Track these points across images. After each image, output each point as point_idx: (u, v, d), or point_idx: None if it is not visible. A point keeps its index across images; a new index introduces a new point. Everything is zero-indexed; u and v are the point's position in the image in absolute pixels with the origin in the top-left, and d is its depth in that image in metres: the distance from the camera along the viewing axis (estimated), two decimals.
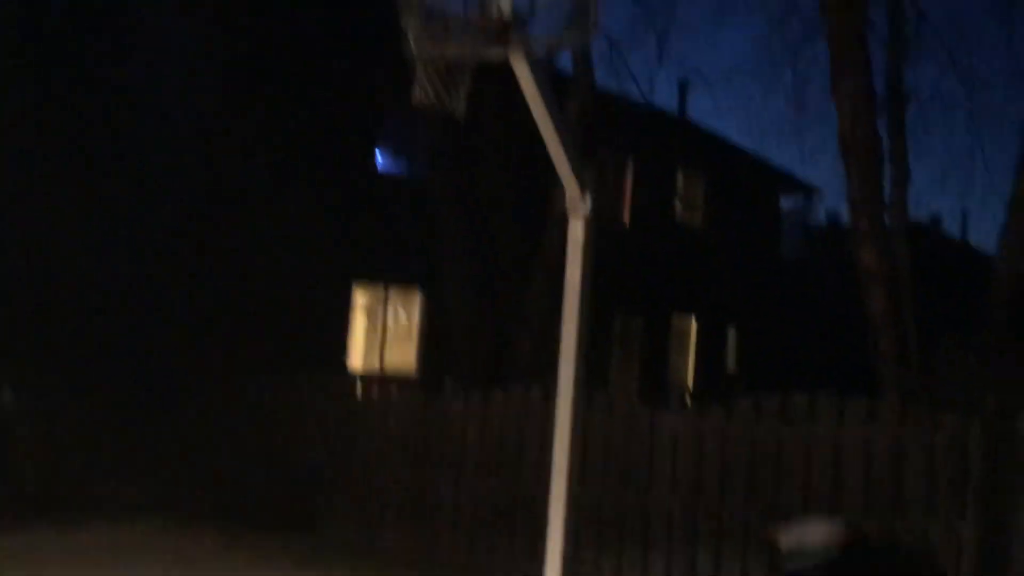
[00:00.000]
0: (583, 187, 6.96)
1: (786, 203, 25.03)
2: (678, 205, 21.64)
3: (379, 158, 16.12)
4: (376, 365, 15.98)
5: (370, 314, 16.27)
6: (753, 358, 22.34)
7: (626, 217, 20.28)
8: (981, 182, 34.70)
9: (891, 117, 11.35)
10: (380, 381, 13.54)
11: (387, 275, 15.77)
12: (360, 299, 16.12)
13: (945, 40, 13.12)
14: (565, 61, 13.49)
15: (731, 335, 22.59)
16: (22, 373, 10.53)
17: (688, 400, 19.26)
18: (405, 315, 16.63)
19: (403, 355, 16.38)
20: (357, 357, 16.05)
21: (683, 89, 22.86)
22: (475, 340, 13.17)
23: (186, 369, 11.50)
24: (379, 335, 16.20)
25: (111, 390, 10.90)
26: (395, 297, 16.41)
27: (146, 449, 10.54)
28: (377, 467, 9.97)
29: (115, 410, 10.77)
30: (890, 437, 7.64)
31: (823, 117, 13.81)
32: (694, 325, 21.81)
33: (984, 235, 55.42)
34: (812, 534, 6.72)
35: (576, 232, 7.07)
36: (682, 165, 21.27)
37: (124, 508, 9.68)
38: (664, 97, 21.28)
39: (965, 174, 19.43)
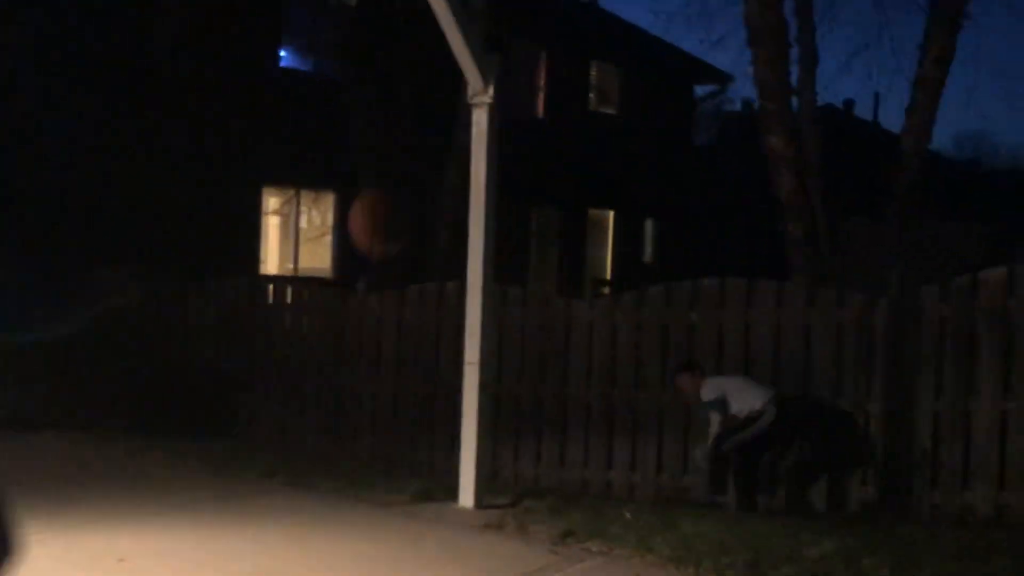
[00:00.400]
0: (486, 76, 6.84)
1: (700, 91, 24.97)
2: (593, 96, 21.49)
3: (284, 54, 15.70)
4: (290, 268, 15.81)
5: (282, 217, 16.03)
6: (671, 249, 22.51)
7: (540, 109, 20.10)
8: (890, 65, 35.02)
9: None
10: (295, 283, 13.39)
11: (298, 177, 15.49)
12: (271, 202, 15.86)
13: None
14: None
15: (648, 226, 22.71)
16: None
17: (605, 292, 19.44)
18: (319, 217, 16.41)
19: (318, 257, 16.20)
20: (271, 261, 15.85)
21: None
22: (382, 242, 13.02)
23: (97, 276, 11.22)
24: (292, 238, 15.99)
25: (16, 297, 10.59)
26: (307, 199, 16.17)
27: (56, 363, 10.33)
28: (295, 368, 9.92)
29: (21, 320, 10.49)
30: (798, 317, 7.75)
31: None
32: (611, 217, 21.87)
33: (894, 117, 56.37)
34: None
35: (480, 123, 6.97)
36: (596, 55, 21.07)
37: (36, 424, 9.49)
38: None
39: (874, 57, 19.52)
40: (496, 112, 6.88)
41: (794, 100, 11.23)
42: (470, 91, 6.93)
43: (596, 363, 8.38)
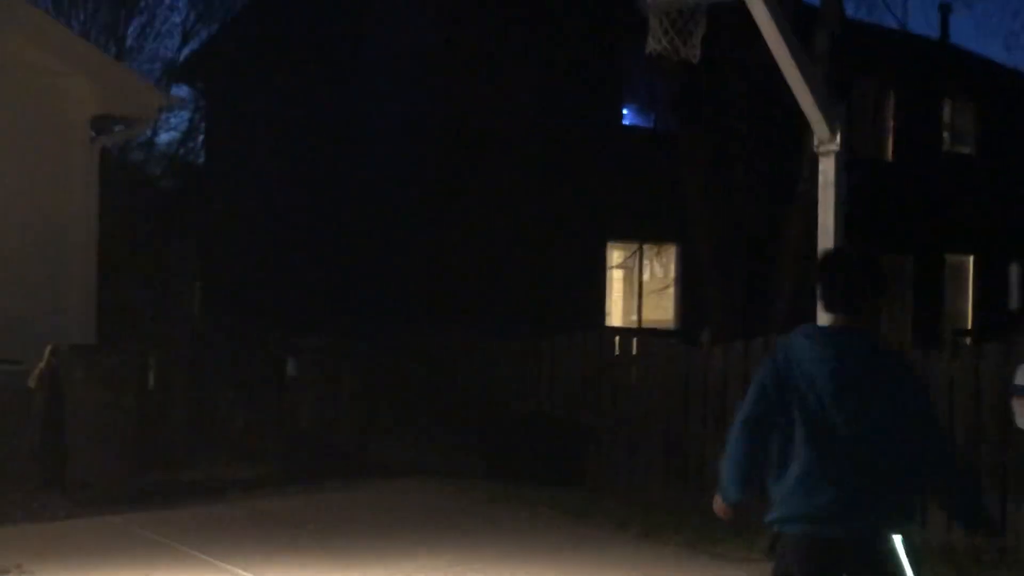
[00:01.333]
0: (832, 125, 6.70)
1: None
2: (946, 135, 20.43)
3: (626, 112, 16.06)
4: (634, 320, 16.02)
5: (626, 271, 16.31)
6: None
7: (890, 152, 19.34)
8: None
9: None
10: (640, 335, 13.57)
11: (641, 231, 15.73)
12: (615, 256, 16.17)
13: None
14: None
15: (1013, 271, 21.19)
16: (305, 347, 11.21)
17: (966, 341, 18.25)
18: (661, 270, 16.56)
19: (661, 309, 16.33)
20: (616, 314, 16.14)
21: (944, 11, 21.54)
22: (728, 291, 12.95)
23: (455, 335, 11.88)
24: (635, 291, 16.22)
25: (379, 359, 11.42)
26: (650, 253, 16.36)
27: (417, 413, 11.00)
28: (640, 420, 9.99)
29: (385, 377, 11.30)
30: None
31: None
32: (971, 262, 20.59)
33: None
34: None
35: (827, 172, 6.82)
36: (948, 93, 20.04)
37: (402, 468, 10.13)
38: (921, 22, 20.08)
39: None
40: (842, 160, 6.71)
41: None
42: (816, 140, 6.80)
43: (957, 418, 7.88)
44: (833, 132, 6.70)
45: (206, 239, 13.83)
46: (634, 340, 10.78)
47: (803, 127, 12.90)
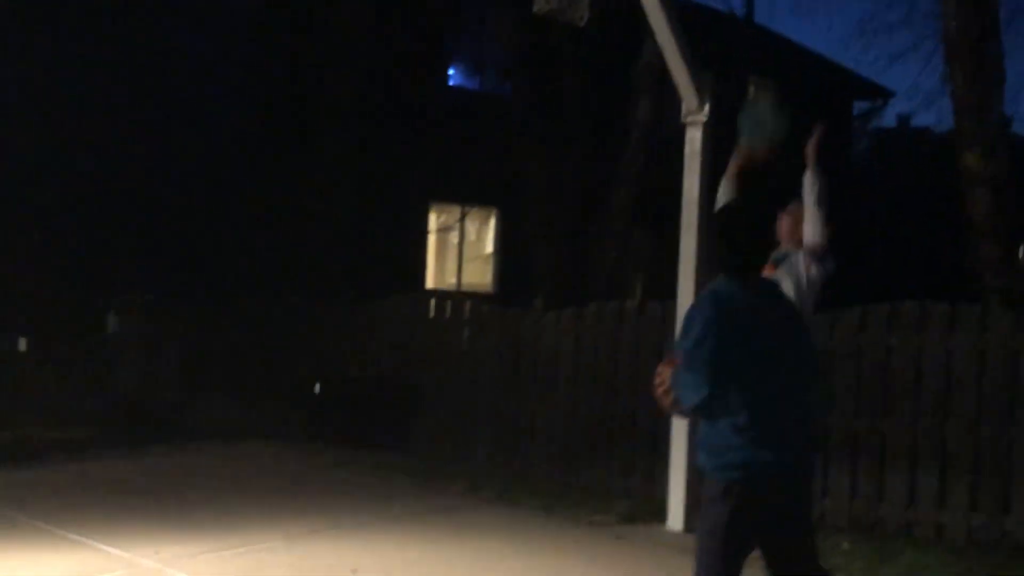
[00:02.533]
0: (702, 95, 6.80)
1: (857, 107, 24.48)
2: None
3: (452, 73, 15.92)
4: (453, 283, 15.99)
5: (446, 234, 16.23)
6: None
7: None
8: None
9: (984, 16, 10.92)
10: (459, 298, 13.56)
11: (463, 195, 15.67)
12: (436, 219, 16.07)
13: None
14: None
15: None
16: (123, 301, 10.65)
17: None
18: (482, 234, 16.57)
19: (479, 274, 16.35)
20: (436, 277, 16.06)
21: None
22: (557, 256, 13.07)
23: (273, 294, 11.57)
24: (456, 254, 16.18)
25: (205, 320, 11.01)
26: (471, 216, 16.33)
27: (239, 374, 10.65)
28: (470, 384, 9.97)
29: (208, 337, 10.90)
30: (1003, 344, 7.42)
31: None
32: None
33: None
34: None
35: (694, 141, 6.93)
36: (754, 69, 20.80)
37: (229, 432, 9.79)
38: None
39: None
40: (710, 130, 6.83)
41: None
42: (684, 109, 6.89)
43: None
44: (702, 102, 6.80)
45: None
46: (466, 305, 10.71)
47: (632, 95, 13.27)
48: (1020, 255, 10.02)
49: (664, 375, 3.71)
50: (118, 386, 10.37)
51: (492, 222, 16.44)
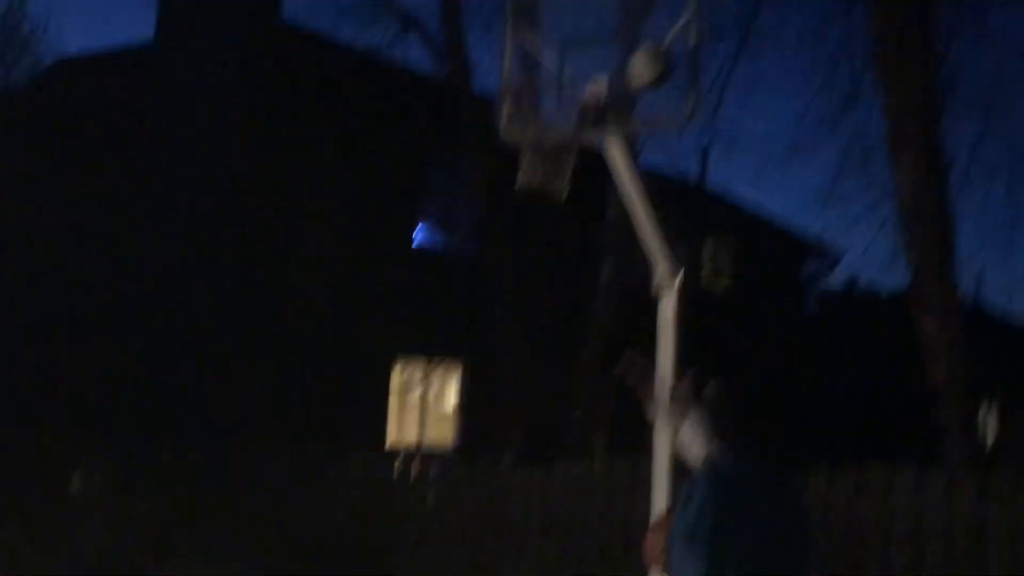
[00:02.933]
0: (675, 264, 6.99)
1: (807, 267, 25.15)
2: (706, 272, 21.74)
3: (422, 232, 16.17)
4: (416, 439, 15.92)
5: (410, 389, 16.25)
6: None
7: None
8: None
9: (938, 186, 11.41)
10: (422, 455, 13.53)
11: (429, 349, 15.76)
12: (401, 373, 16.10)
13: (982, 104, 13.22)
14: None
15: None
16: (91, 459, 10.51)
17: None
18: (443, 389, 16.59)
19: (443, 429, 16.32)
20: (401, 431, 16.00)
21: (704, 155, 23.01)
22: (527, 411, 13.14)
23: (250, 451, 11.51)
24: (419, 410, 16.16)
25: (173, 469, 10.88)
26: (436, 371, 16.38)
27: (212, 527, 10.48)
28: (437, 545, 9.87)
29: (179, 489, 10.75)
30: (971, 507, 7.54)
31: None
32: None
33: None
34: None
35: (667, 310, 7.08)
36: (710, 233, 21.38)
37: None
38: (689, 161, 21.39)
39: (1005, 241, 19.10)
40: (683, 299, 7.00)
41: None
42: (657, 277, 7.07)
43: None
44: (675, 271, 6.99)
45: None
46: (433, 462, 10.72)
47: (600, 257, 13.57)
48: (980, 419, 10.23)
49: (655, 541, 3.73)
50: (85, 548, 10.13)
51: (456, 377, 16.49)
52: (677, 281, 7.05)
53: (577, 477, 9.24)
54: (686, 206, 20.43)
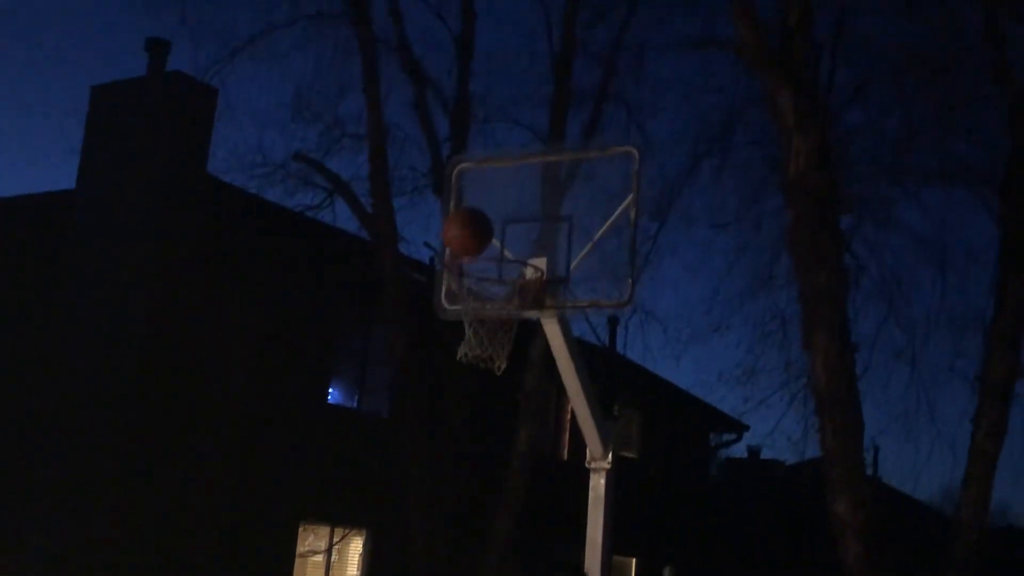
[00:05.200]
0: (606, 443, 7.08)
1: (712, 438, 25.50)
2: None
3: (332, 391, 16.01)
4: None
5: (313, 556, 15.79)
6: None
7: (564, 453, 20.34)
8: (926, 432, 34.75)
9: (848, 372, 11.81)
10: None
11: (335, 515, 15.37)
12: (305, 540, 15.64)
13: (885, 290, 13.78)
14: None
15: (668, 572, 22.39)
16: None
17: None
18: (344, 556, 16.14)
19: None
20: None
21: (613, 324, 23.38)
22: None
23: None
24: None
25: None
26: (340, 537, 15.96)
27: None
28: None
29: None
30: None
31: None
32: (633, 564, 21.65)
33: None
34: None
35: (598, 487, 7.14)
36: (619, 401, 21.58)
37: None
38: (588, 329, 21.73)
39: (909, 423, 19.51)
40: (612, 477, 7.09)
41: None
42: (589, 456, 7.16)
43: None
44: (606, 450, 7.08)
45: None
46: None
47: (514, 421, 13.61)
48: None
49: None
50: None
51: (360, 544, 16.10)
52: (607, 461, 7.16)
53: None
54: (599, 373, 20.68)
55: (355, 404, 16.25)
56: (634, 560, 21.56)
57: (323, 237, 15.11)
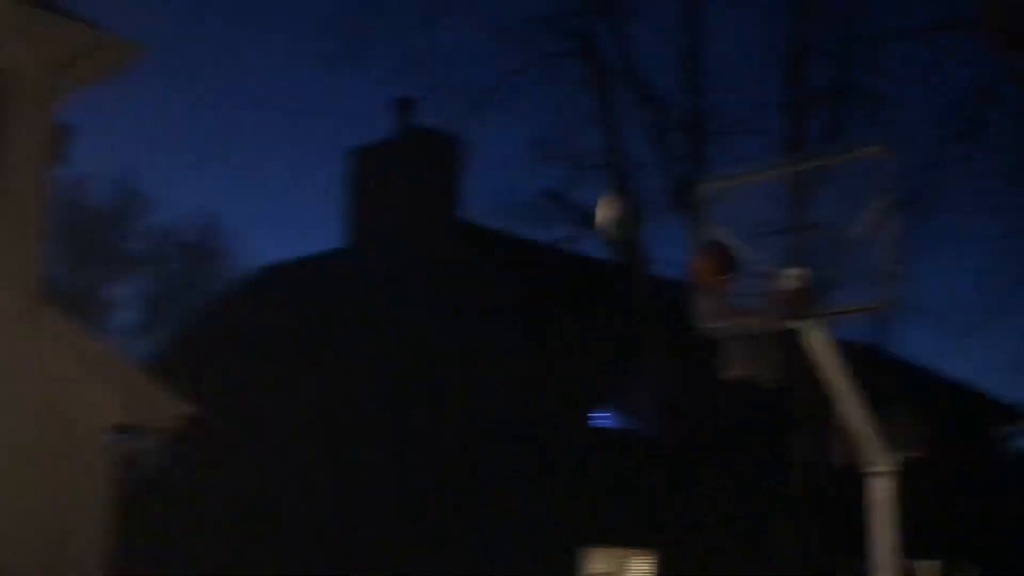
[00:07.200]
0: (886, 446, 6.97)
1: (997, 430, 24.18)
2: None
3: (606, 415, 16.18)
4: None
5: None
6: None
7: (842, 459, 19.72)
8: None
9: None
10: None
11: (620, 538, 15.47)
12: (593, 565, 15.82)
13: None
14: None
15: None
16: None
17: None
18: None
19: None
20: None
21: (880, 323, 22.59)
22: None
23: None
24: None
25: None
26: (626, 562, 15.99)
27: None
28: None
29: None
30: None
31: None
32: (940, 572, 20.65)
33: None
34: None
35: (880, 491, 7.03)
36: (896, 401, 20.79)
37: None
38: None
39: None
40: (895, 480, 6.97)
41: None
42: (868, 461, 7.07)
43: None
44: (884, 452, 6.97)
45: None
46: None
47: (788, 434, 13.39)
48: None
49: None
50: None
51: (648, 568, 16.11)
52: (892, 462, 7.04)
53: None
54: (873, 376, 19.98)
55: (630, 427, 16.35)
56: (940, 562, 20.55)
57: (582, 265, 15.44)
